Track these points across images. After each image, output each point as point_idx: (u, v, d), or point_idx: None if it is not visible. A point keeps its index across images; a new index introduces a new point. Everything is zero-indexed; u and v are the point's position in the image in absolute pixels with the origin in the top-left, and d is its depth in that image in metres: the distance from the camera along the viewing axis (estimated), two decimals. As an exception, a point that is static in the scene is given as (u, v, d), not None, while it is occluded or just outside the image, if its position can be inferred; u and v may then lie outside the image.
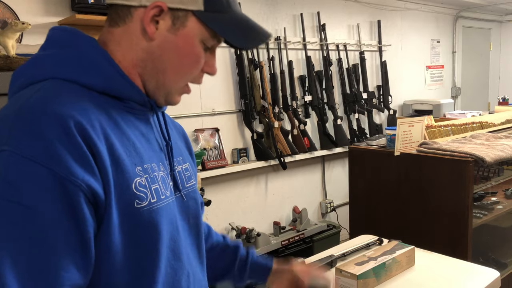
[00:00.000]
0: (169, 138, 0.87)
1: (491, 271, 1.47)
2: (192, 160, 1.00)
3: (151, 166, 0.78)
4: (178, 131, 1.01)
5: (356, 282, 1.31)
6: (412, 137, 2.49)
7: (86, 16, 2.50)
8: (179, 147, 0.94)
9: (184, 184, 0.88)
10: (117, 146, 0.73)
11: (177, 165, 0.88)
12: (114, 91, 0.78)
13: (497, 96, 5.62)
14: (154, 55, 0.79)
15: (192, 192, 0.91)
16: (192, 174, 0.94)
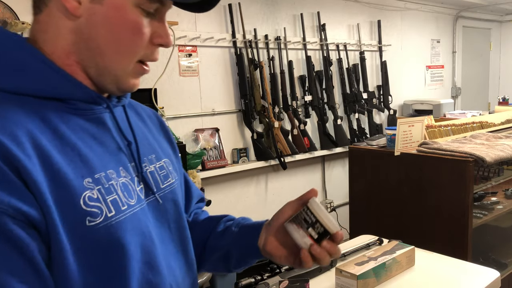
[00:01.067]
0: (134, 135, 0.77)
1: (491, 271, 1.47)
2: (173, 152, 0.90)
3: (105, 174, 0.68)
4: (153, 121, 0.90)
5: (356, 282, 1.31)
6: (412, 137, 2.48)
7: (86, 16, 2.49)
8: (150, 142, 0.83)
9: (159, 185, 0.79)
10: (55, 159, 0.62)
11: (148, 165, 0.78)
12: (48, 91, 0.66)
13: (497, 96, 5.62)
14: (84, 35, 0.67)
15: (171, 193, 0.81)
16: (170, 171, 0.83)
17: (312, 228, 0.78)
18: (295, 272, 1.42)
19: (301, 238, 0.79)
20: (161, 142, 0.87)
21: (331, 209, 4.10)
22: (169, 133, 0.93)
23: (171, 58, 2.97)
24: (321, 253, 0.78)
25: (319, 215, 0.78)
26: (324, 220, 0.78)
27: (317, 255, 0.78)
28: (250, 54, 3.39)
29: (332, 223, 0.78)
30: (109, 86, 0.72)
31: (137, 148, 0.76)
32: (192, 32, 3.16)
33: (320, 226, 0.78)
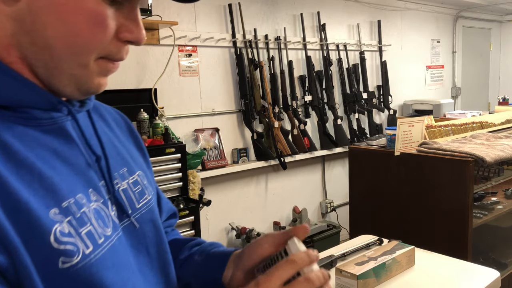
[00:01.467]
0: (102, 146, 0.63)
1: (491, 271, 1.47)
2: (145, 162, 0.76)
3: (75, 200, 0.54)
4: (120, 125, 0.75)
5: (356, 282, 1.31)
6: (412, 137, 2.48)
7: (86, 16, 2.49)
8: (120, 153, 0.69)
9: (135, 205, 0.65)
10: (13, 186, 0.48)
11: (120, 182, 0.64)
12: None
13: (497, 96, 5.62)
14: (26, 25, 0.52)
15: (148, 212, 0.68)
16: (145, 186, 0.70)
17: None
18: (295, 272, 1.41)
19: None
20: (132, 151, 0.73)
21: (331, 209, 4.10)
22: (139, 139, 0.79)
23: (171, 58, 2.98)
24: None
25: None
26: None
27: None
28: (250, 54, 3.39)
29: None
30: (67, 89, 0.56)
31: (106, 162, 0.62)
32: (192, 32, 3.16)
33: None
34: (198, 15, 3.20)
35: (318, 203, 4.12)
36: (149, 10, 2.72)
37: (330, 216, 4.16)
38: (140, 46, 2.97)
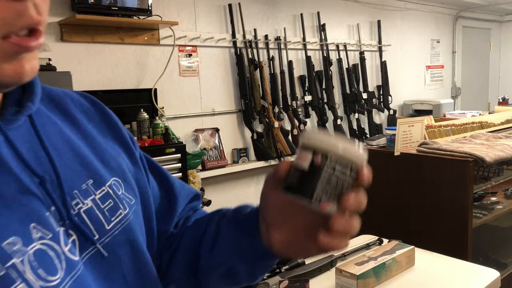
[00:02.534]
0: (51, 161, 0.49)
1: (491, 271, 1.47)
2: (128, 157, 0.62)
3: (1, 249, 0.41)
4: (91, 117, 0.61)
5: (356, 282, 1.31)
6: (412, 137, 2.48)
7: (86, 16, 2.50)
8: (84, 160, 0.54)
9: (103, 227, 0.52)
10: None
11: (82, 201, 0.51)
12: None
13: (497, 96, 5.61)
14: None
15: (123, 233, 0.54)
16: (120, 198, 0.56)
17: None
18: (295, 272, 1.42)
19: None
20: (107, 150, 0.59)
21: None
22: (120, 129, 0.64)
23: (171, 58, 2.98)
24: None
25: (329, 148, 0.48)
26: (340, 152, 0.48)
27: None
28: (250, 54, 3.39)
29: (354, 152, 0.49)
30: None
31: (58, 181, 0.48)
32: (192, 32, 3.16)
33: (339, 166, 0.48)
34: (198, 15, 3.20)
35: (318, 203, 4.11)
36: (149, 10, 2.72)
37: (330, 216, 4.15)
38: (140, 46, 2.99)
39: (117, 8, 2.59)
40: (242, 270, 0.61)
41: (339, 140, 0.49)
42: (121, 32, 2.81)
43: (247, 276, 0.63)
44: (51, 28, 2.59)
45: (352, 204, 0.48)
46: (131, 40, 2.87)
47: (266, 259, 0.59)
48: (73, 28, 2.64)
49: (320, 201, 0.48)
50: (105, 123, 0.62)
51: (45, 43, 2.48)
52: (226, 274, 0.63)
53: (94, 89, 2.68)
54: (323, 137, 0.49)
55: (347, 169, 0.48)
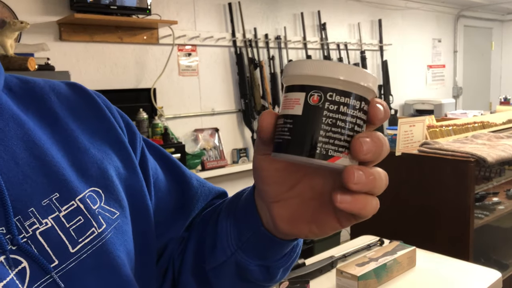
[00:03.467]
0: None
1: (493, 272, 1.46)
2: (119, 158, 0.53)
3: None
4: (75, 111, 0.53)
5: (357, 283, 1.30)
6: (413, 137, 2.47)
7: (84, 15, 2.49)
8: (53, 169, 0.45)
9: (67, 250, 0.43)
10: None
11: (40, 220, 0.43)
12: None
13: (498, 96, 5.60)
14: None
15: (94, 255, 0.45)
16: (95, 213, 0.47)
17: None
18: (295, 273, 1.41)
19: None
20: (88, 153, 0.50)
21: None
22: (113, 125, 0.54)
23: (170, 58, 2.96)
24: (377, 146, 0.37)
25: (325, 79, 0.36)
26: (341, 82, 0.36)
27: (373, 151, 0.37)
28: (250, 53, 3.38)
29: (360, 79, 0.36)
30: None
31: (1, 200, 0.40)
32: (192, 31, 3.14)
33: (365, 104, 0.37)
34: (197, 14, 3.18)
35: (319, 203, 4.10)
36: (148, 10, 2.71)
37: (330, 216, 4.15)
38: (139, 46, 2.98)
39: (116, 7, 2.58)
40: (251, 265, 0.51)
41: (337, 65, 0.36)
42: (120, 31, 2.80)
43: (261, 272, 0.52)
44: (50, 28, 2.58)
45: (368, 150, 0.36)
46: (130, 40, 2.85)
47: (272, 245, 0.49)
48: (71, 27, 2.63)
49: (326, 154, 0.36)
50: (95, 119, 0.53)
51: (44, 43, 2.47)
52: (237, 273, 0.53)
53: (93, 89, 2.66)
54: (314, 65, 0.36)
55: (355, 104, 0.36)
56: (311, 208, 0.43)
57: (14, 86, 0.49)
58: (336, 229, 0.42)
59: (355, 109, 0.36)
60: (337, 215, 0.41)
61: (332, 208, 0.41)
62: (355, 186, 0.36)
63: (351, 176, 0.36)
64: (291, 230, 0.45)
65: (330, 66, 0.35)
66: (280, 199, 0.44)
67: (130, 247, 0.50)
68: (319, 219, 0.43)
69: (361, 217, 0.39)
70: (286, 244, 0.49)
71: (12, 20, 1.99)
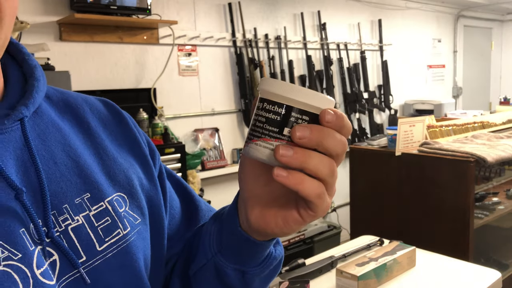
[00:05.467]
0: (38, 172, 0.44)
1: (493, 272, 1.46)
2: (142, 170, 0.57)
3: None
4: (106, 124, 0.56)
5: (357, 283, 1.30)
6: (413, 137, 2.47)
7: (85, 15, 2.49)
8: (85, 171, 0.49)
9: (94, 248, 0.46)
10: None
11: (72, 217, 0.46)
12: None
13: (498, 96, 5.60)
14: None
15: (118, 256, 0.48)
16: (121, 216, 0.50)
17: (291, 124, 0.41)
18: (295, 273, 1.41)
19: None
20: (117, 161, 0.54)
21: (331, 210, 4.09)
22: (138, 140, 0.59)
23: (170, 58, 2.96)
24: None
25: (288, 97, 0.41)
26: (301, 99, 0.41)
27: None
28: (250, 53, 3.38)
29: (316, 98, 0.42)
30: None
31: (42, 194, 0.44)
32: (192, 31, 3.15)
33: (299, 114, 0.42)
34: (197, 14, 3.19)
35: (319, 203, 4.10)
36: (148, 9, 2.71)
37: (330, 217, 4.15)
38: (139, 46, 2.98)
39: (116, 7, 2.58)
40: (228, 268, 0.53)
41: (275, 81, 0.42)
42: (120, 31, 2.80)
43: (237, 278, 0.54)
44: (50, 28, 2.58)
45: (301, 136, 0.40)
46: (130, 40, 2.85)
47: (248, 247, 0.50)
48: (72, 27, 2.63)
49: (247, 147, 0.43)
50: (123, 134, 0.57)
51: (44, 43, 2.47)
52: (216, 277, 0.55)
53: (93, 89, 2.67)
54: (264, 82, 0.43)
55: (271, 108, 0.42)
56: (279, 203, 0.46)
57: (52, 95, 0.53)
58: (298, 222, 0.45)
59: (259, 109, 0.43)
60: (298, 208, 0.44)
61: (295, 204, 0.45)
62: (281, 158, 0.39)
63: (277, 149, 0.40)
64: (259, 223, 0.47)
65: (270, 81, 0.42)
66: (254, 194, 0.47)
67: (148, 253, 0.53)
68: (283, 213, 0.45)
69: (307, 198, 0.41)
70: (260, 246, 0.50)
71: (12, 20, 2.00)
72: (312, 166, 0.40)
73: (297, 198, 0.44)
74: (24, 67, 0.51)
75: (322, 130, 0.41)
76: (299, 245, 3.45)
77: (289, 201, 0.45)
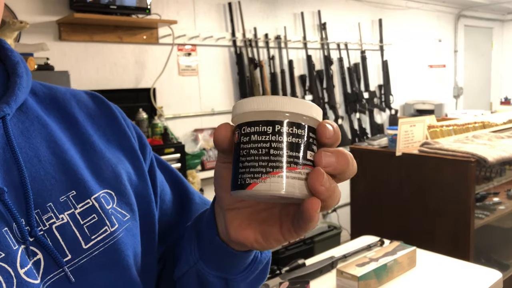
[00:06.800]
0: (20, 169, 0.44)
1: (493, 272, 1.46)
2: (132, 166, 0.55)
3: None
4: (95, 120, 0.55)
5: (357, 283, 1.29)
6: (414, 137, 2.46)
7: (84, 14, 2.48)
8: (72, 168, 0.48)
9: (80, 246, 0.45)
10: None
11: (57, 215, 0.45)
12: None
13: (499, 96, 5.59)
14: None
15: (105, 253, 0.47)
16: (108, 213, 0.49)
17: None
18: (295, 273, 1.40)
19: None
20: (104, 157, 0.53)
21: (332, 210, 4.08)
22: (127, 134, 0.57)
23: (170, 57, 2.96)
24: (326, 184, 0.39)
25: (303, 115, 0.38)
26: (313, 114, 0.39)
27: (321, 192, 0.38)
28: (250, 53, 3.37)
29: (315, 109, 0.39)
30: None
31: (24, 193, 0.43)
32: (192, 31, 3.14)
33: (312, 133, 0.40)
34: (197, 13, 3.18)
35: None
36: (148, 9, 2.71)
37: (331, 217, 4.14)
38: (139, 45, 2.97)
39: (116, 7, 2.57)
40: (210, 276, 0.52)
41: (246, 100, 0.38)
42: (119, 31, 2.79)
43: (220, 285, 0.53)
44: (49, 27, 2.57)
45: (327, 164, 0.39)
46: (130, 39, 2.85)
47: (227, 256, 0.49)
48: (71, 27, 2.62)
49: (244, 183, 0.38)
50: (111, 128, 0.56)
51: (43, 42, 2.47)
52: (199, 284, 0.54)
53: (93, 89, 2.66)
54: (236, 106, 0.39)
55: (266, 130, 0.37)
56: (260, 218, 0.45)
57: (39, 91, 0.53)
58: (279, 241, 0.44)
59: (267, 135, 0.37)
60: (281, 228, 0.43)
61: (278, 221, 0.43)
62: (320, 188, 0.38)
63: (316, 178, 0.38)
64: (238, 236, 0.45)
65: (241, 103, 0.38)
66: (235, 207, 0.45)
67: (138, 250, 0.52)
68: (265, 230, 0.44)
69: (306, 228, 0.40)
70: (240, 256, 0.49)
71: (12, 20, 1.98)
72: (333, 200, 0.40)
73: (282, 216, 0.43)
74: (6, 64, 0.50)
75: (347, 159, 0.41)
76: (299, 245, 3.44)
77: (271, 217, 0.44)
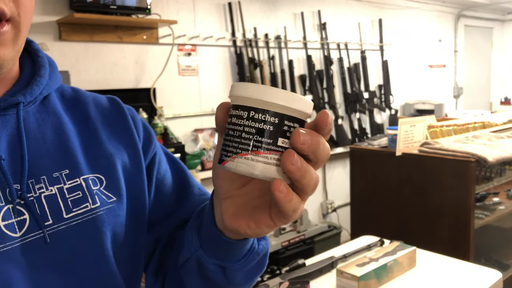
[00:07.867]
0: (22, 145, 0.52)
1: (493, 272, 1.46)
2: (128, 155, 0.62)
3: None
4: (106, 116, 0.64)
5: (357, 283, 1.29)
6: (414, 137, 2.46)
7: (84, 14, 2.48)
8: (70, 151, 0.57)
9: (61, 215, 0.53)
10: None
11: (47, 186, 0.53)
12: None
13: (499, 96, 5.60)
14: None
15: (83, 225, 0.54)
16: (93, 193, 0.56)
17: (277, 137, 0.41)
18: (295, 273, 1.40)
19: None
20: (103, 147, 0.60)
21: (332, 210, 4.08)
22: (132, 133, 0.65)
23: (170, 57, 2.96)
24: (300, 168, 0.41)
25: (280, 105, 0.40)
26: (295, 106, 0.41)
27: (295, 172, 0.41)
28: (250, 53, 3.37)
29: (303, 103, 0.41)
30: None
31: (22, 164, 0.51)
32: (192, 31, 3.14)
33: (291, 122, 0.41)
34: (197, 13, 3.18)
35: (319, 203, 4.09)
36: (148, 9, 2.70)
37: (331, 217, 4.14)
38: (139, 45, 2.97)
39: (116, 7, 2.57)
40: (209, 264, 0.55)
41: (244, 84, 0.41)
42: (119, 31, 2.79)
43: (218, 272, 0.55)
44: (49, 27, 2.57)
45: (304, 141, 0.41)
46: (130, 39, 2.85)
47: (223, 244, 0.52)
48: (71, 27, 2.62)
49: (220, 159, 0.43)
50: (119, 124, 0.64)
51: (43, 42, 2.47)
52: (199, 271, 0.57)
53: (93, 89, 2.66)
54: (234, 87, 0.42)
55: (243, 114, 0.41)
56: (253, 206, 0.48)
57: (66, 93, 0.63)
58: (270, 227, 0.47)
59: (242, 119, 0.41)
60: (271, 213, 0.46)
61: (268, 207, 0.46)
62: (291, 167, 0.41)
63: (287, 159, 0.41)
64: (232, 224, 0.48)
65: (234, 86, 0.41)
66: (230, 195, 0.48)
67: (120, 231, 0.58)
68: (256, 216, 0.47)
69: (285, 213, 0.44)
70: (236, 245, 0.52)
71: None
72: (307, 181, 0.43)
73: (271, 203, 0.46)
74: (36, 65, 0.59)
75: (318, 137, 0.42)
76: (299, 245, 3.44)
77: (263, 204, 0.47)
